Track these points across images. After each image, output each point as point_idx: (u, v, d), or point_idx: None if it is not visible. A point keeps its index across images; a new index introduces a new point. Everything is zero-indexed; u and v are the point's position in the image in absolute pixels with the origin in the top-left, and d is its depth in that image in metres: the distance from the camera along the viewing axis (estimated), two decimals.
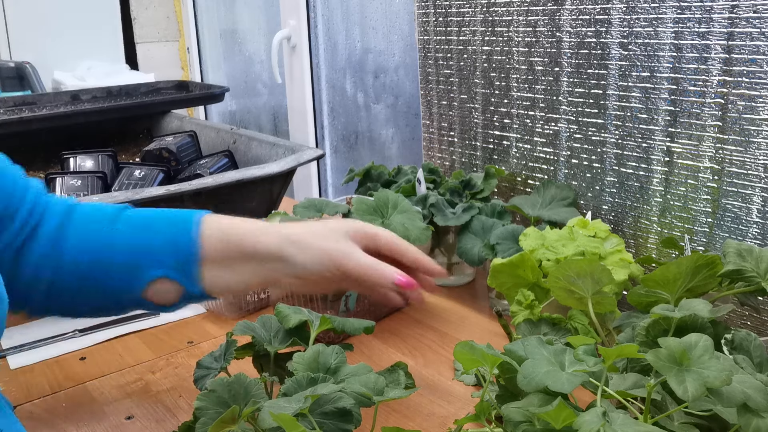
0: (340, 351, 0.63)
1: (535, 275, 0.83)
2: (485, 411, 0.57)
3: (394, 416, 0.72)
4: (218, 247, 0.68)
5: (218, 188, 1.07)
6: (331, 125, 1.93)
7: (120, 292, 0.68)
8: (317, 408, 0.54)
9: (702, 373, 0.48)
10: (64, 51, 2.44)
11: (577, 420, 0.47)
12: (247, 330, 0.68)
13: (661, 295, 0.69)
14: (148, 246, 0.68)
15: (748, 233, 0.84)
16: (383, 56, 1.68)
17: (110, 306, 0.71)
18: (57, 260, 0.66)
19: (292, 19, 1.87)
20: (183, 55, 2.71)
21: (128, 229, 0.69)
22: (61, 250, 0.67)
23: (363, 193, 1.16)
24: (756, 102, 0.80)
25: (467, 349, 0.56)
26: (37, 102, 1.65)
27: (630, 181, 0.96)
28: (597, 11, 0.95)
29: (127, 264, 0.67)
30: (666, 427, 0.53)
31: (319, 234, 0.69)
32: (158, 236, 0.68)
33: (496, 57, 1.11)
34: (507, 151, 1.14)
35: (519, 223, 1.03)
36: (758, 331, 0.84)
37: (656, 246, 0.95)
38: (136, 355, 0.88)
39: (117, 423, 0.74)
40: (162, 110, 1.75)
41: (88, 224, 0.69)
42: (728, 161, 0.84)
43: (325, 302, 0.89)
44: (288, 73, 1.95)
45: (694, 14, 0.84)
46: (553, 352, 0.56)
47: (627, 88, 0.94)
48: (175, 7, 2.67)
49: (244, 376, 0.59)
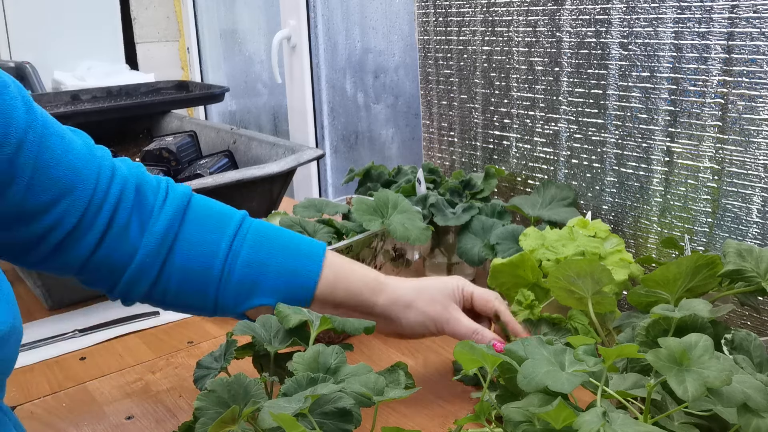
0: (340, 351, 0.63)
1: (535, 275, 0.83)
2: (485, 411, 0.57)
3: (394, 416, 0.72)
4: (332, 290, 0.68)
5: (218, 188, 1.07)
6: (331, 125, 1.93)
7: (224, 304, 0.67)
8: (317, 408, 0.54)
9: (702, 373, 0.48)
10: (64, 51, 2.44)
11: (577, 420, 0.47)
12: (247, 330, 0.68)
13: (661, 295, 0.69)
14: (265, 271, 0.66)
15: (748, 233, 0.84)
16: (383, 56, 1.68)
17: (207, 310, 0.69)
18: (165, 259, 0.64)
19: (292, 19, 1.87)
20: (183, 55, 2.71)
21: (252, 244, 0.66)
22: (172, 250, 0.64)
23: (363, 193, 1.16)
24: (756, 102, 0.80)
25: (467, 349, 0.56)
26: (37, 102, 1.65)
27: (630, 181, 0.96)
28: (597, 11, 0.95)
29: (242, 282, 0.66)
30: (666, 427, 0.53)
31: (426, 297, 0.71)
32: (278, 261, 0.66)
33: (496, 57, 1.11)
34: (507, 151, 1.14)
35: (519, 223, 1.03)
36: (758, 331, 0.84)
37: (656, 246, 0.95)
38: (136, 355, 0.88)
39: (117, 423, 0.74)
40: (162, 110, 1.75)
41: (207, 227, 0.66)
42: (728, 161, 0.84)
43: None
44: (288, 73, 1.95)
45: (694, 14, 0.84)
46: (553, 352, 0.56)
47: (627, 88, 0.94)
48: (175, 7, 2.67)
49: (244, 376, 0.59)
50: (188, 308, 0.70)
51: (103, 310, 1.01)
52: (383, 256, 0.95)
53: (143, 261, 0.64)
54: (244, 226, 0.68)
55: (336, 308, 0.69)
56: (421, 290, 0.71)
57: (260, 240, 0.67)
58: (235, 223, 0.67)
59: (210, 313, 0.69)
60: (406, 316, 0.69)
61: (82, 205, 0.61)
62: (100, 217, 0.62)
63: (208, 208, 0.68)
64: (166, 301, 0.68)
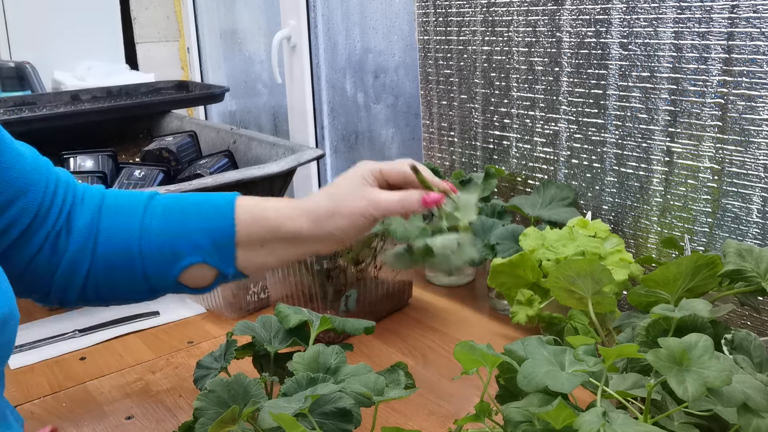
0: (340, 351, 0.63)
1: (535, 275, 0.83)
2: (485, 411, 0.56)
3: (394, 416, 0.72)
4: (253, 230, 0.69)
5: (218, 188, 1.07)
6: (331, 125, 1.93)
7: (155, 278, 0.69)
8: (317, 408, 0.54)
9: (702, 373, 0.48)
10: (64, 51, 2.44)
11: (577, 420, 0.47)
12: (247, 330, 0.69)
13: (661, 295, 0.69)
14: (184, 232, 0.68)
15: (748, 233, 0.84)
16: (383, 56, 1.68)
17: (143, 292, 0.71)
18: (92, 253, 0.67)
19: (292, 19, 1.87)
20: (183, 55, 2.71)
21: (162, 216, 0.69)
22: (96, 242, 0.67)
23: None
24: (756, 102, 0.80)
25: (467, 349, 0.56)
26: (37, 102, 1.65)
27: (630, 181, 0.96)
28: (597, 11, 0.95)
29: (162, 251, 0.68)
30: (666, 427, 0.53)
31: (343, 198, 0.69)
32: (194, 222, 0.69)
33: (496, 57, 1.11)
34: (507, 151, 1.14)
35: (519, 223, 1.03)
36: (758, 331, 0.84)
37: (656, 246, 0.95)
38: (136, 355, 0.88)
39: (117, 423, 0.74)
40: (162, 110, 1.75)
41: (119, 214, 0.69)
42: (728, 161, 0.84)
43: (325, 302, 0.89)
44: (288, 73, 1.94)
45: (694, 14, 0.84)
46: (553, 352, 0.56)
47: (627, 88, 0.94)
48: (175, 7, 2.67)
49: (244, 376, 0.59)
50: (125, 294, 0.71)
51: (103, 310, 1.01)
52: (383, 256, 0.95)
53: (73, 258, 0.66)
54: (153, 203, 0.70)
55: (265, 247, 0.70)
56: (335, 195, 0.70)
57: (170, 208, 0.70)
58: (144, 202, 0.70)
59: (148, 292, 0.70)
60: (335, 225, 0.68)
61: (34, 207, 0.64)
62: (48, 219, 0.65)
63: (120, 197, 0.71)
64: (102, 295, 0.70)
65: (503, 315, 0.95)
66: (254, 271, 0.71)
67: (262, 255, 0.70)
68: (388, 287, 0.97)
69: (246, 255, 0.69)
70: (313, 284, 0.89)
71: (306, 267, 0.89)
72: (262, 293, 1.01)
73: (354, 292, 0.91)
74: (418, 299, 1.03)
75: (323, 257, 0.86)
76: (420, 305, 1.01)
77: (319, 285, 0.88)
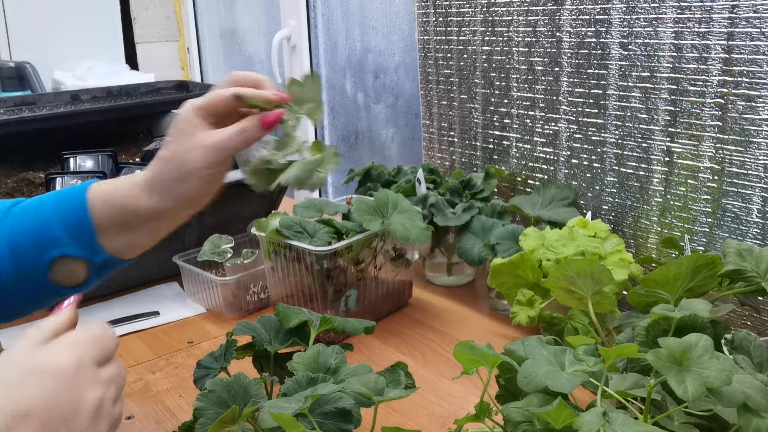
0: (340, 351, 0.63)
1: (535, 275, 0.83)
2: (485, 411, 0.56)
3: (394, 416, 0.72)
4: (108, 213, 0.66)
5: None
6: (331, 125, 1.93)
7: (27, 282, 0.66)
8: (317, 408, 0.54)
9: (702, 373, 0.48)
10: (64, 51, 2.44)
11: (577, 420, 0.47)
12: (247, 330, 0.68)
13: (661, 295, 0.69)
14: (40, 227, 0.65)
15: (748, 233, 0.84)
16: (383, 56, 1.68)
17: (25, 302, 0.68)
18: None
19: (292, 19, 1.87)
20: (183, 55, 2.71)
21: (20, 216, 0.66)
22: None
23: (363, 193, 1.16)
24: (756, 102, 0.80)
25: (467, 349, 0.56)
26: (37, 102, 1.65)
27: (630, 181, 0.96)
28: (597, 11, 0.95)
29: (24, 251, 0.65)
30: (666, 427, 0.53)
31: (179, 156, 0.65)
32: (46, 214, 0.66)
33: (496, 57, 1.11)
34: (507, 151, 1.14)
35: (519, 223, 1.03)
36: (758, 331, 0.84)
37: (656, 246, 0.95)
38: (136, 355, 0.88)
39: None
40: (162, 110, 1.75)
41: None
42: (728, 161, 0.84)
43: (325, 302, 0.89)
44: (288, 73, 1.94)
45: (694, 14, 0.84)
46: (553, 352, 0.56)
47: (627, 88, 0.94)
48: (175, 7, 2.67)
49: (244, 376, 0.59)
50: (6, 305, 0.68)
51: (103, 310, 1.01)
52: (383, 256, 0.95)
53: None
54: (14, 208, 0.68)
55: (129, 228, 0.67)
56: (172, 156, 0.65)
57: (27, 208, 0.67)
58: (6, 209, 0.68)
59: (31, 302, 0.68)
60: (186, 188, 0.64)
61: None
62: None
63: None
64: None
65: (503, 315, 0.95)
66: (133, 254, 0.68)
67: (134, 236, 0.66)
68: (388, 287, 0.97)
69: (114, 239, 0.66)
70: (313, 284, 0.89)
71: (306, 267, 0.89)
72: (262, 293, 1.01)
73: (354, 292, 0.91)
74: (418, 299, 1.03)
75: (323, 257, 0.86)
76: (420, 305, 1.01)
77: (319, 285, 0.88)
